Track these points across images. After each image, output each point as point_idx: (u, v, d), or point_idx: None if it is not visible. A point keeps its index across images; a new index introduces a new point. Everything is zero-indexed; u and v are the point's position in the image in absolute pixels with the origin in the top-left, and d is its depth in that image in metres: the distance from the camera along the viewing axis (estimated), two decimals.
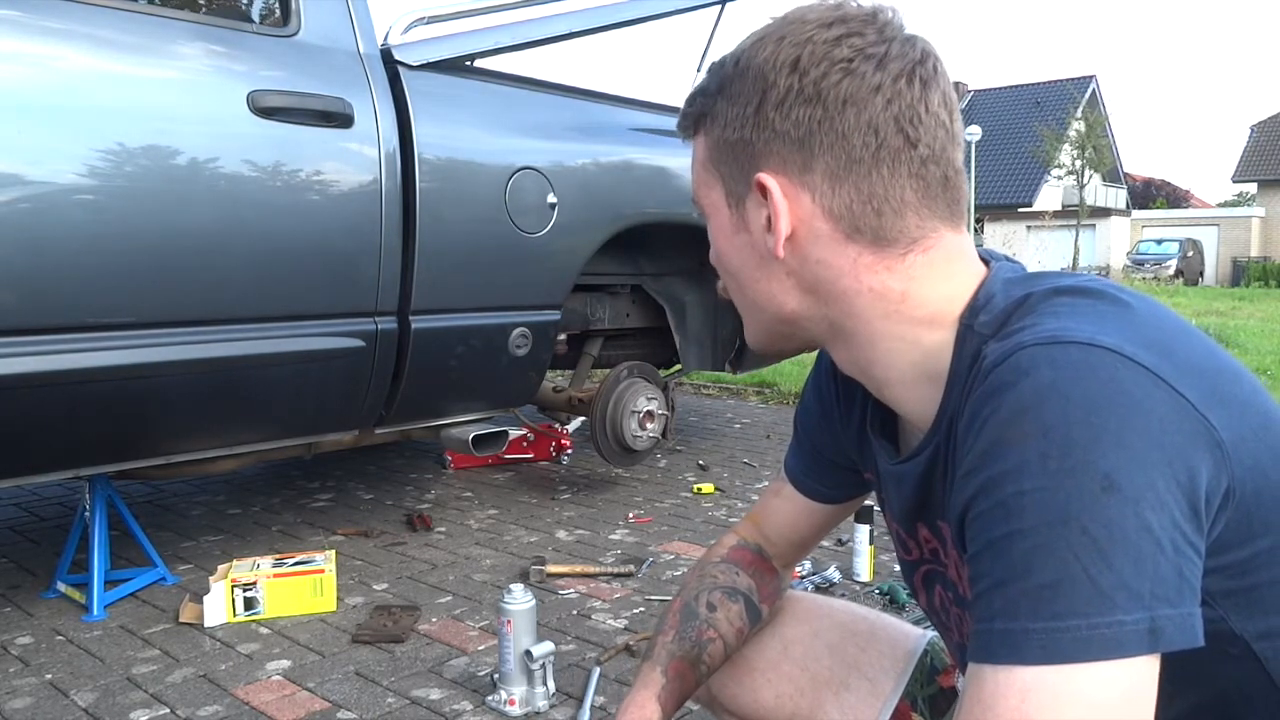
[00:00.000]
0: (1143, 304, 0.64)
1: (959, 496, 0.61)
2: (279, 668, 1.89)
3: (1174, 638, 0.53)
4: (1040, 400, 0.56)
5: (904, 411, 0.76)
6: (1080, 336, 0.58)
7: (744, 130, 0.69)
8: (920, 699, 0.97)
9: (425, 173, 2.27)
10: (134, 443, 2.02)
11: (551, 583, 2.35)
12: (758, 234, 0.72)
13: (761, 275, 0.73)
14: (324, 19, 2.17)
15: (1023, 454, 0.55)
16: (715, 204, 0.75)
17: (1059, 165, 27.35)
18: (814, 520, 0.99)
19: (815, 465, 0.96)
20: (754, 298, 0.76)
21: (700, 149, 0.75)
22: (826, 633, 1.00)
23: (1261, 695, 0.65)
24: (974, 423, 0.60)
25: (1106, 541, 0.53)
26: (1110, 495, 0.53)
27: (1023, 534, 0.54)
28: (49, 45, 1.76)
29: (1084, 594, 0.52)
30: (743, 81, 0.69)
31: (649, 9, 2.96)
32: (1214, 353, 0.63)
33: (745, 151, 0.70)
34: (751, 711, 1.01)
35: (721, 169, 0.72)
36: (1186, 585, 0.54)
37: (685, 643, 0.95)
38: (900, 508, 0.81)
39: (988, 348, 0.63)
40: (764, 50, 0.68)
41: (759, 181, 0.69)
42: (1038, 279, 0.69)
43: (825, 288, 0.71)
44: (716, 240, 0.77)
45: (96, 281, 1.80)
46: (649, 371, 3.22)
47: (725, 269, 0.77)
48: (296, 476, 3.45)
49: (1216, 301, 14.17)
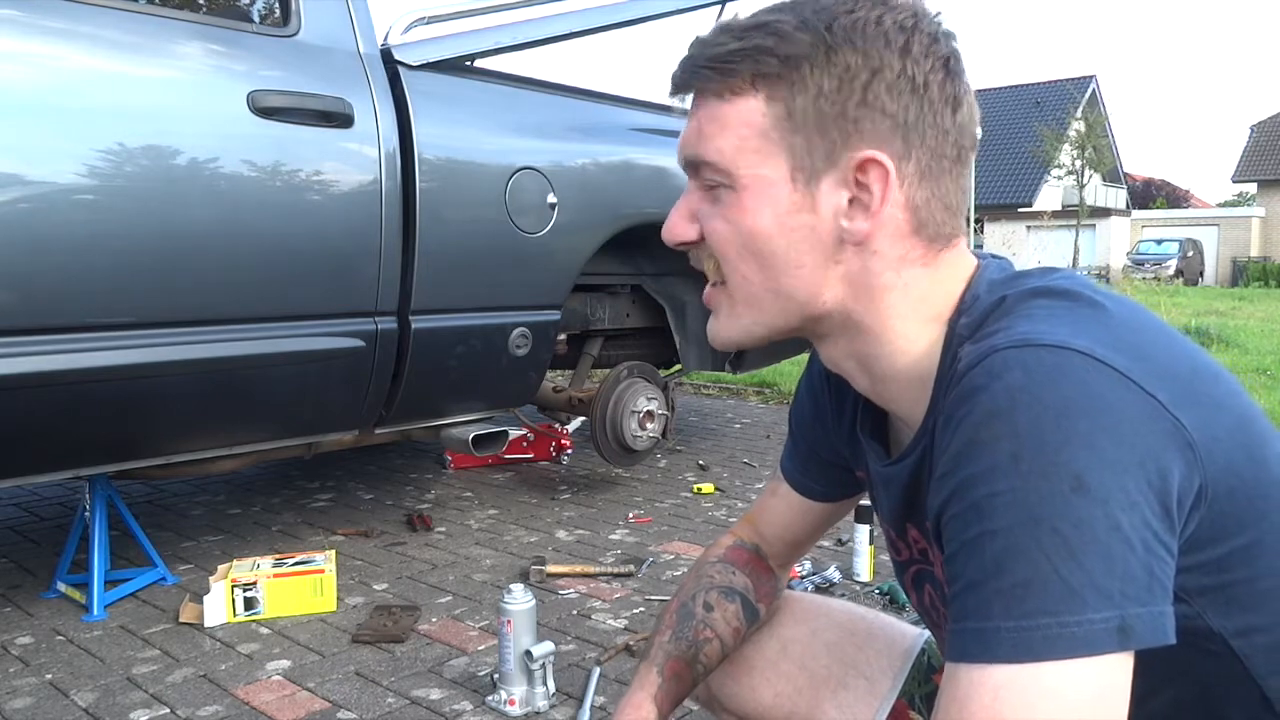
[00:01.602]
0: (1119, 306, 0.64)
1: (935, 498, 0.62)
2: (279, 668, 1.89)
3: (1144, 636, 0.54)
4: (1012, 403, 0.57)
5: (897, 411, 0.76)
6: (1052, 339, 0.58)
7: (847, 104, 0.65)
8: (918, 697, 0.97)
9: (425, 173, 2.27)
10: (134, 443, 2.02)
11: (551, 583, 2.35)
12: (828, 217, 0.67)
13: (810, 262, 0.68)
14: (324, 19, 2.17)
15: (995, 456, 0.56)
16: (765, 177, 0.67)
17: (1059, 165, 27.35)
18: (809, 519, 0.99)
19: (809, 464, 0.96)
20: (786, 287, 0.69)
21: (756, 112, 0.66)
22: (825, 632, 1.01)
23: (1242, 691, 0.65)
24: (949, 425, 0.61)
25: (1077, 541, 0.53)
26: (1080, 495, 0.54)
27: (994, 534, 0.55)
28: (49, 45, 1.76)
29: (1054, 592, 0.53)
30: (848, 52, 0.64)
31: (649, 9, 2.96)
32: (1190, 354, 0.63)
33: (842, 127, 0.65)
34: (751, 710, 1.01)
35: (795, 140, 0.66)
36: (1157, 584, 0.55)
37: (682, 642, 0.95)
38: (890, 509, 0.81)
39: (963, 350, 0.64)
40: (868, 23, 0.65)
41: (867, 160, 0.65)
42: (1018, 280, 0.69)
43: (867, 280, 0.69)
44: (751, 218, 0.68)
45: (96, 281, 1.80)
46: (649, 371, 3.22)
47: (754, 250, 0.68)
48: (296, 476, 3.45)
49: (1216, 301, 14.17)
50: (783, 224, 0.67)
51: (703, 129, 0.68)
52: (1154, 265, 25.18)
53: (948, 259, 0.70)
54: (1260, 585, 0.63)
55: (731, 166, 0.67)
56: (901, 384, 0.72)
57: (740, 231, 0.68)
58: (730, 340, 0.74)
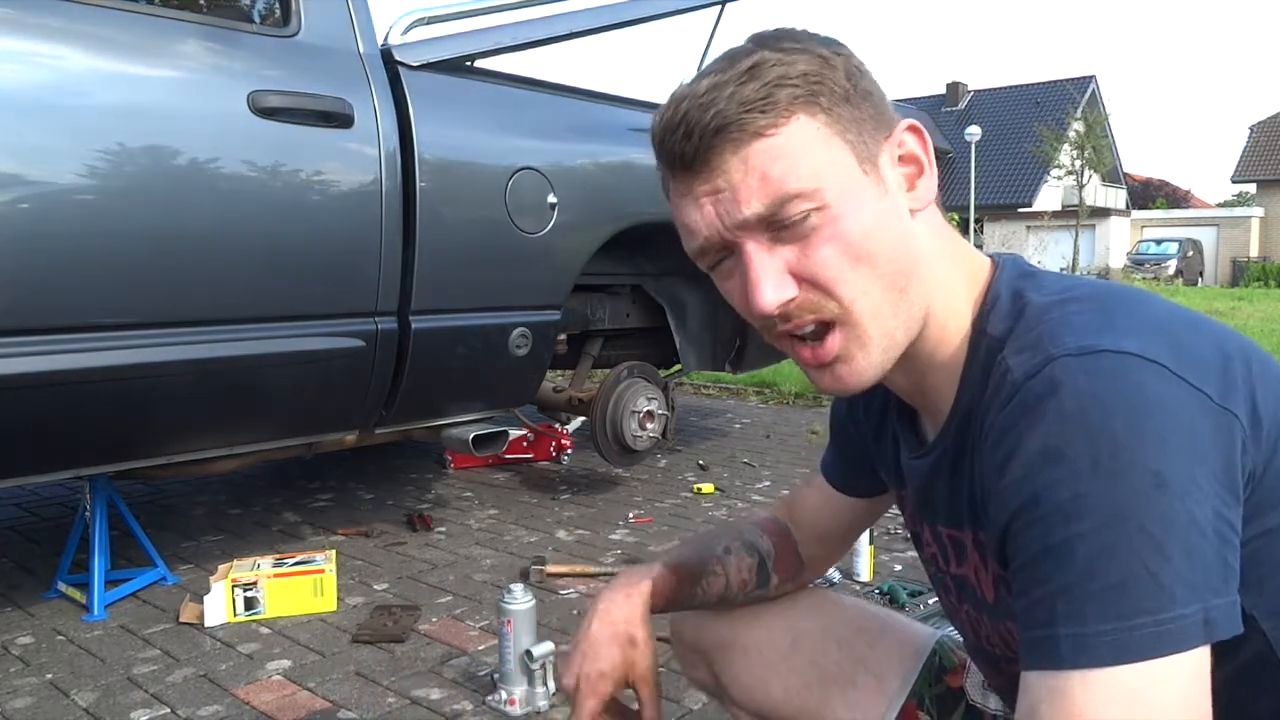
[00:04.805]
0: (1143, 301, 0.66)
1: (1000, 510, 0.62)
2: (279, 668, 1.89)
3: (1225, 626, 0.56)
4: (1082, 408, 0.58)
5: (925, 407, 0.78)
6: (1107, 344, 0.60)
7: (860, 94, 0.69)
8: (928, 698, 0.98)
9: (425, 173, 2.27)
10: (134, 443, 2.02)
11: (551, 583, 2.35)
12: (898, 193, 0.70)
13: (901, 239, 0.69)
14: (324, 19, 2.17)
15: (1073, 461, 0.57)
16: (848, 178, 0.67)
17: (1059, 165, 27.33)
18: (838, 512, 1.02)
19: (841, 456, 0.99)
20: (902, 278, 0.69)
21: (810, 129, 0.66)
22: (837, 628, 1.02)
23: (1273, 674, 0.66)
24: (1007, 436, 0.62)
25: (1163, 537, 0.55)
26: (1161, 492, 0.55)
27: (1083, 537, 0.56)
28: (49, 45, 1.76)
29: (1148, 591, 0.55)
30: (831, 57, 0.68)
31: (649, 9, 2.96)
32: (1218, 340, 0.65)
33: (867, 112, 0.69)
34: (761, 703, 1.02)
35: (849, 136, 0.67)
36: (1231, 573, 0.57)
37: (691, 560, 0.99)
38: (914, 502, 0.83)
39: (1008, 358, 0.65)
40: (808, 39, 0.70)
41: (906, 128, 0.70)
42: (1037, 283, 0.71)
43: (930, 240, 0.72)
44: (855, 223, 0.66)
45: (97, 281, 1.80)
46: (649, 371, 3.22)
47: (867, 254, 0.67)
48: (296, 476, 3.45)
49: (1216, 301, 14.17)
50: (878, 213, 0.68)
51: (767, 172, 0.65)
52: (1154, 265, 25.21)
53: (948, 234, 0.74)
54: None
55: (820, 184, 0.66)
56: (940, 377, 0.73)
57: (850, 243, 0.67)
58: (872, 376, 0.71)
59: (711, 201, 0.67)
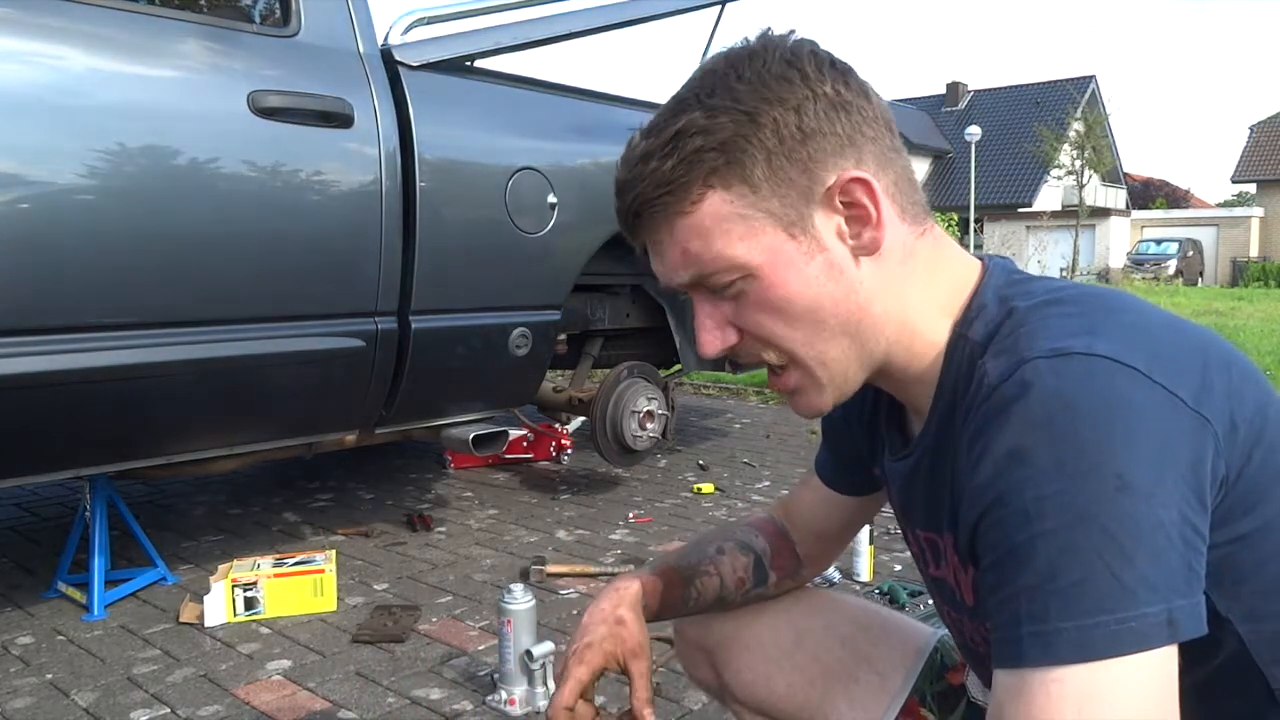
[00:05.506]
0: (1129, 307, 0.67)
1: (970, 509, 0.63)
2: (279, 668, 1.89)
3: (1188, 627, 0.56)
4: (1049, 411, 0.59)
5: (914, 405, 0.78)
6: (1078, 347, 0.60)
7: (795, 149, 0.67)
8: (929, 695, 0.98)
9: (425, 173, 2.27)
10: (134, 443, 2.02)
11: (551, 583, 2.35)
12: (837, 246, 0.69)
13: (842, 293, 0.69)
14: (324, 19, 2.17)
15: (1038, 462, 0.58)
16: (769, 247, 0.68)
17: (1058, 165, 27.31)
18: (833, 511, 1.02)
19: (834, 454, 0.99)
20: (842, 325, 0.70)
21: (724, 204, 0.67)
22: (840, 625, 1.02)
23: (1246, 680, 0.66)
24: (979, 437, 0.62)
25: (1125, 538, 0.55)
26: (1125, 494, 0.56)
27: (1045, 536, 0.57)
28: (49, 45, 1.76)
29: (1109, 590, 0.55)
30: (766, 109, 0.66)
31: (649, 9, 2.96)
32: (1201, 346, 0.65)
33: (802, 168, 0.67)
34: (763, 699, 1.03)
35: (771, 204, 0.67)
36: (1195, 576, 0.57)
37: (683, 564, 1.00)
38: (896, 505, 0.84)
39: (985, 363, 0.66)
40: (763, 77, 0.67)
41: (846, 181, 0.67)
42: (1026, 289, 0.71)
43: (886, 283, 0.70)
44: (783, 289, 0.69)
45: (96, 281, 1.80)
46: (649, 371, 3.22)
47: (800, 313, 0.70)
48: (296, 476, 3.45)
49: (1216, 301, 14.16)
50: (808, 277, 0.69)
51: (687, 248, 0.69)
52: (1154, 265, 25.19)
53: (933, 241, 0.73)
54: (1269, 570, 0.64)
55: (740, 259, 0.68)
56: (919, 387, 0.74)
57: (782, 308, 0.70)
58: (832, 404, 0.74)
59: (655, 260, 0.73)
